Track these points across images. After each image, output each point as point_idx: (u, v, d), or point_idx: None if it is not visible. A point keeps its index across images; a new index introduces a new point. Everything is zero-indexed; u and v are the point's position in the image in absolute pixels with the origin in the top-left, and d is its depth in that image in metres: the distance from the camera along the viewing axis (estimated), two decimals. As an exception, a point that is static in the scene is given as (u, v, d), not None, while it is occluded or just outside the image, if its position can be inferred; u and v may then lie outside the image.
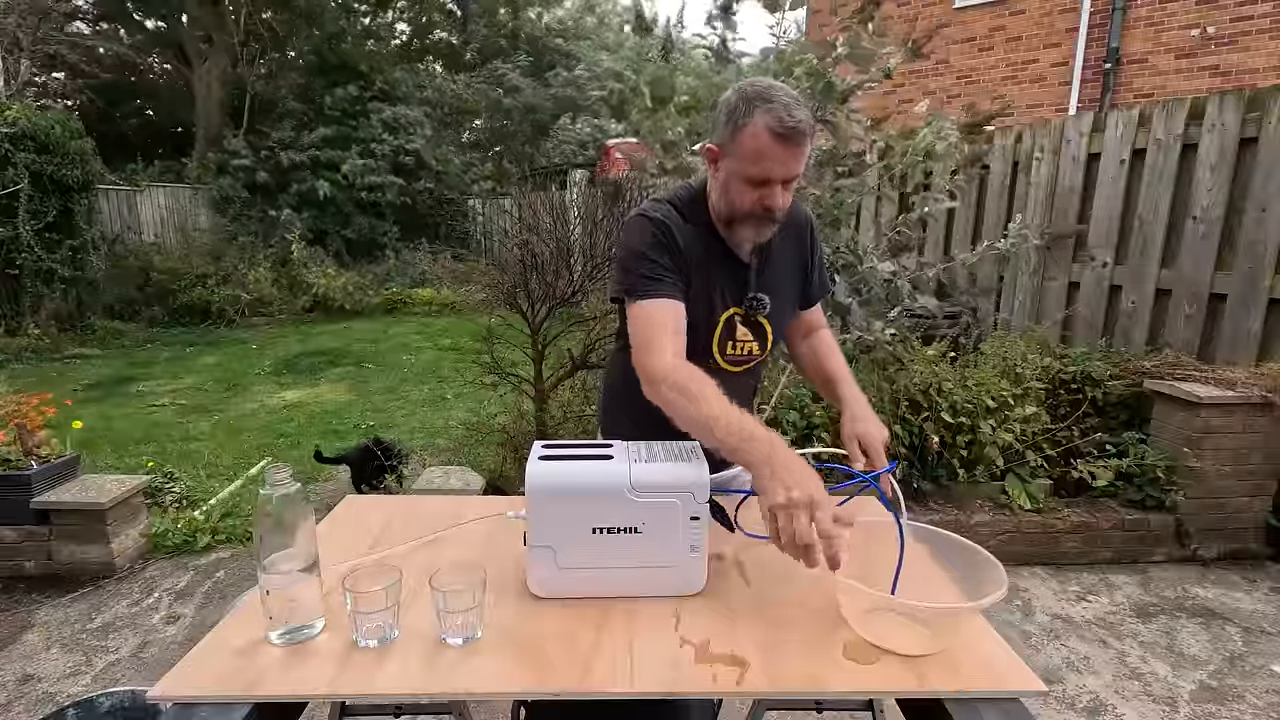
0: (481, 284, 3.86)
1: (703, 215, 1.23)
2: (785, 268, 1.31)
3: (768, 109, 1.07)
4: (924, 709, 0.83)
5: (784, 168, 1.10)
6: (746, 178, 1.11)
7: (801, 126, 1.07)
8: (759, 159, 1.09)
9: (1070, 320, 3.80)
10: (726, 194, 1.16)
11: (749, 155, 1.09)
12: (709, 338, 1.25)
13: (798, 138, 1.07)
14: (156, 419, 4.93)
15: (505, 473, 3.27)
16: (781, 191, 1.12)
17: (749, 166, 1.10)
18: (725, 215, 1.19)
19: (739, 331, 1.26)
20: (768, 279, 1.27)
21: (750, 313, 1.26)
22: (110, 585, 2.68)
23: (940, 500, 2.93)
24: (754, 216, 1.15)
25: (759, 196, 1.12)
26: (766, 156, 1.08)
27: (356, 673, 0.81)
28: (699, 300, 1.21)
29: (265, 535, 0.86)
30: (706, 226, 1.23)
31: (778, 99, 1.07)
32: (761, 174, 1.10)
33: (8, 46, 9.65)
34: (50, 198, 7.12)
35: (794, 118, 1.06)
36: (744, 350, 1.28)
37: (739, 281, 1.25)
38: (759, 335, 1.28)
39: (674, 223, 1.19)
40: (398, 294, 9.90)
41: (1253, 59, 6.67)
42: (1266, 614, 2.46)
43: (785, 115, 1.06)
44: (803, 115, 1.08)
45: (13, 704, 2.01)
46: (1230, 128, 3.05)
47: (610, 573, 0.97)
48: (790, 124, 1.06)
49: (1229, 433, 2.74)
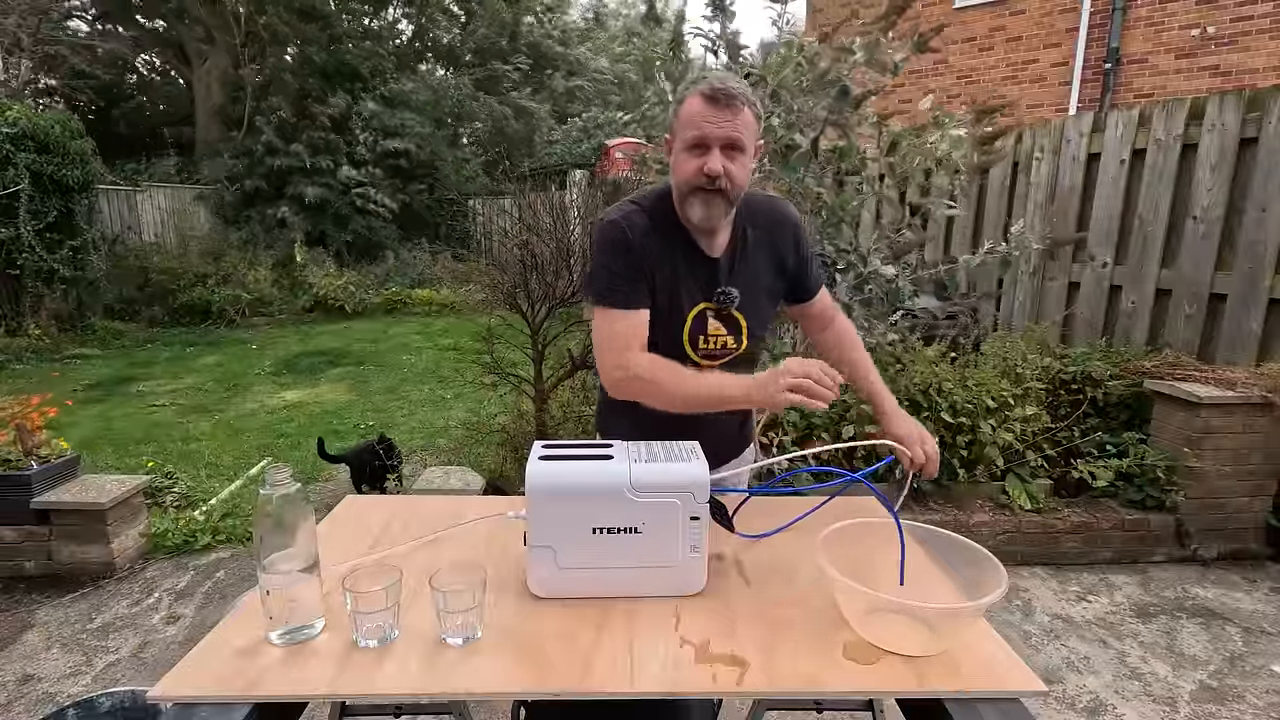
0: (481, 284, 3.86)
1: (669, 213, 1.26)
2: (761, 263, 1.32)
3: (702, 83, 1.16)
4: (924, 709, 0.83)
5: (718, 128, 1.14)
6: (685, 145, 1.17)
7: (732, 90, 1.13)
8: (692, 122, 1.15)
9: (1070, 320, 3.80)
10: (674, 174, 1.21)
11: (685, 122, 1.17)
12: (679, 332, 1.27)
13: (726, 98, 1.13)
14: (156, 419, 4.93)
15: (505, 473, 3.27)
16: (721, 158, 1.14)
17: (685, 132, 1.16)
18: (678, 197, 1.23)
19: (711, 325, 1.28)
20: (740, 274, 1.28)
21: (721, 306, 1.27)
22: (110, 585, 2.68)
23: (940, 500, 2.93)
24: (699, 189, 1.17)
25: (699, 165, 1.15)
26: (698, 118, 1.14)
27: (356, 673, 0.81)
28: (665, 295, 1.24)
29: (265, 535, 0.86)
30: (674, 224, 1.25)
31: (713, 77, 1.16)
32: (696, 135, 1.15)
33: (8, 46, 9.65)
34: (50, 198, 7.12)
35: (725, 85, 1.13)
36: (718, 344, 1.30)
37: (708, 276, 1.27)
38: (733, 329, 1.29)
39: (634, 224, 1.23)
40: (398, 294, 9.90)
41: (1253, 59, 6.67)
42: (1266, 614, 2.46)
43: (716, 83, 1.14)
44: (735, 84, 1.15)
45: (13, 704, 2.01)
46: (1230, 128, 3.05)
47: (610, 573, 0.97)
48: (720, 88, 1.13)
49: (1229, 433, 2.74)
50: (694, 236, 1.25)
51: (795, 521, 1.22)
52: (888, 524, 0.95)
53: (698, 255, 1.26)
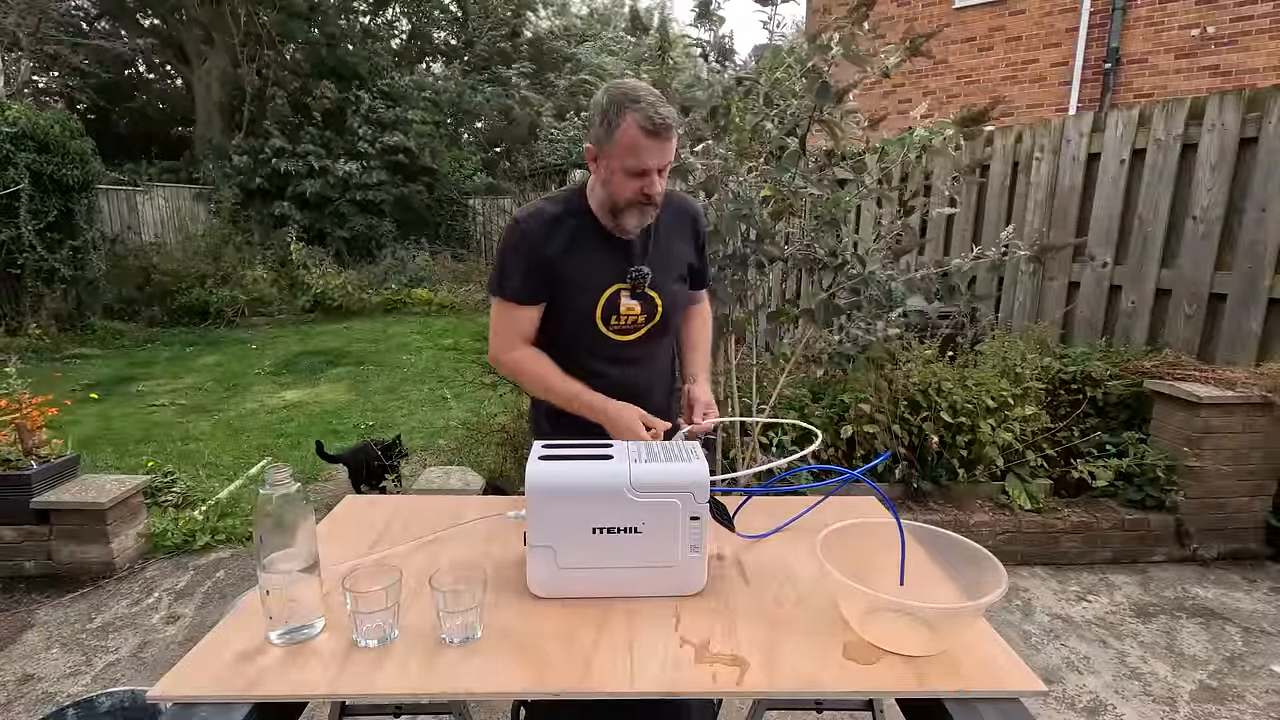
0: (481, 283, 3.86)
1: (581, 206, 1.37)
2: (672, 246, 1.45)
3: (636, 109, 1.21)
4: (924, 709, 0.83)
5: (657, 159, 1.25)
6: (626, 171, 1.25)
7: (669, 121, 1.22)
8: (635, 153, 1.23)
9: (1070, 320, 3.80)
10: (609, 187, 1.30)
11: (625, 152, 1.23)
12: (591, 311, 1.38)
13: (666, 132, 1.22)
14: (156, 419, 4.93)
15: (505, 473, 3.27)
16: (658, 179, 1.27)
17: (627, 161, 1.24)
18: (610, 206, 1.32)
19: (623, 305, 1.39)
20: (653, 255, 1.41)
21: (635, 285, 1.38)
22: (110, 585, 2.68)
23: (940, 500, 2.93)
24: (636, 204, 1.29)
25: (640, 186, 1.27)
26: (641, 151, 1.23)
27: (356, 673, 0.81)
28: (576, 281, 1.36)
29: (265, 535, 0.86)
30: (585, 215, 1.37)
31: (644, 98, 1.22)
32: (638, 166, 1.24)
33: (8, 46, 9.64)
34: (51, 198, 7.12)
35: (661, 115, 1.21)
36: (629, 320, 1.40)
37: (621, 259, 1.38)
38: (647, 306, 1.41)
39: (538, 223, 1.35)
40: (397, 294, 9.90)
41: (1253, 59, 6.67)
42: (1266, 614, 2.46)
43: (653, 114, 1.20)
44: (667, 111, 1.22)
45: (13, 704, 2.01)
46: (1230, 128, 3.05)
47: (610, 573, 0.97)
48: (659, 121, 1.21)
49: (1229, 433, 2.74)
50: (606, 223, 1.36)
51: (794, 519, 1.22)
52: (887, 524, 0.95)
53: (611, 241, 1.37)
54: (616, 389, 1.37)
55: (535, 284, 1.36)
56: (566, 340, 1.40)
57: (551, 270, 1.35)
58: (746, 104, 2.28)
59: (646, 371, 1.49)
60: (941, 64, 8.41)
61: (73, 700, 1.49)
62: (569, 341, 1.40)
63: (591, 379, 1.38)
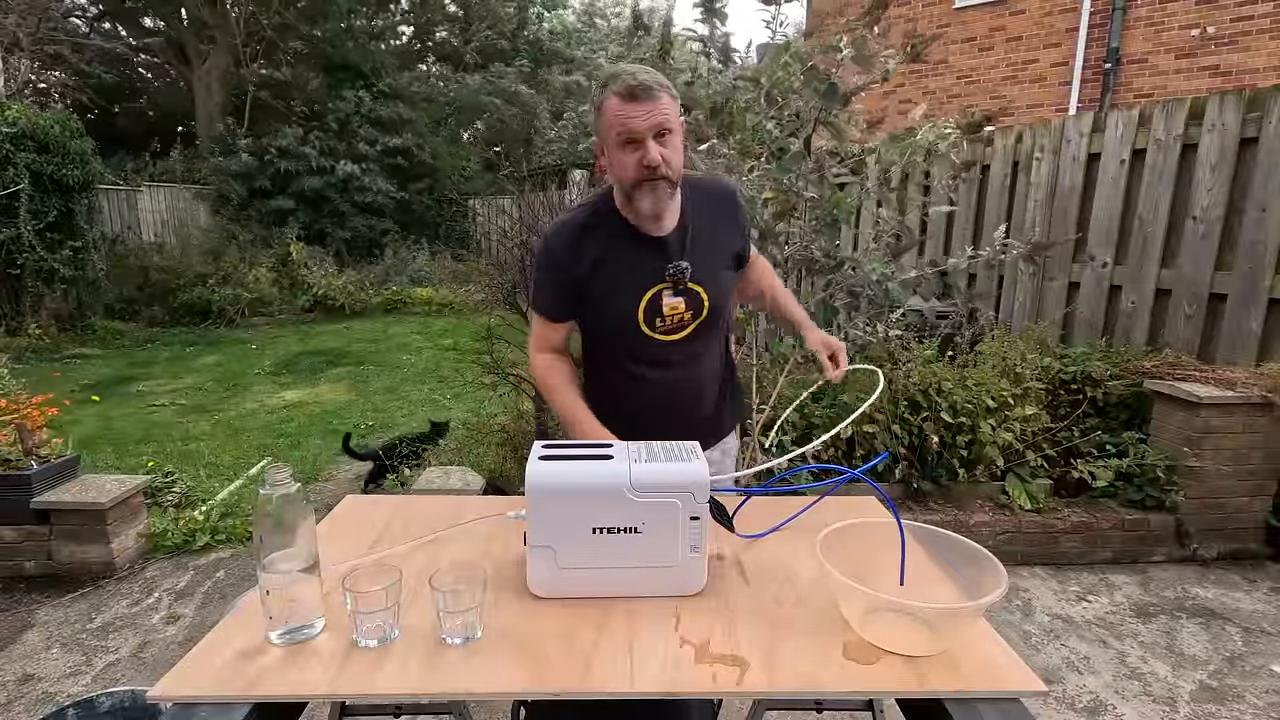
0: (481, 284, 3.86)
1: (609, 208, 1.34)
2: (713, 233, 1.39)
3: (615, 83, 1.20)
4: (924, 709, 0.83)
5: (643, 120, 1.19)
6: (618, 145, 1.22)
7: (646, 82, 1.18)
8: (618, 121, 1.20)
9: (1070, 320, 3.80)
10: (614, 171, 1.26)
11: (611, 124, 1.21)
12: (633, 315, 1.33)
13: (645, 93, 1.18)
14: (156, 419, 4.93)
15: (505, 473, 3.27)
16: (655, 146, 1.20)
17: (615, 132, 1.21)
18: (623, 195, 1.29)
19: (666, 305, 1.33)
20: (691, 248, 1.34)
21: (676, 282, 1.32)
22: (110, 585, 2.68)
23: (940, 500, 2.93)
24: (643, 181, 1.23)
25: (637, 158, 1.21)
26: (623, 116, 1.19)
27: (356, 673, 0.81)
28: (612, 290, 1.33)
29: (265, 535, 0.86)
30: (613, 216, 1.33)
31: (621, 73, 1.20)
32: (625, 133, 1.20)
33: (8, 46, 9.64)
34: (51, 198, 7.12)
35: (638, 79, 1.18)
36: (674, 320, 1.35)
37: (658, 257, 1.32)
38: (693, 302, 1.35)
39: (564, 241, 1.33)
40: (397, 294, 9.90)
41: (1253, 59, 6.67)
42: (1266, 614, 2.46)
43: (629, 79, 1.18)
44: (647, 76, 1.19)
45: (13, 704, 2.01)
46: (1230, 128, 3.05)
47: (610, 573, 0.96)
48: (633, 83, 1.17)
49: (1229, 433, 2.74)
50: (638, 223, 1.32)
51: (794, 518, 1.22)
52: (887, 524, 0.95)
53: (644, 239, 1.32)
54: (657, 392, 1.36)
55: (566, 305, 1.38)
56: (608, 342, 1.41)
57: (582, 290, 1.34)
58: (748, 103, 2.28)
59: (690, 374, 1.42)
60: (942, 64, 8.41)
61: (73, 700, 1.49)
62: (610, 343, 1.40)
63: (632, 382, 1.37)
